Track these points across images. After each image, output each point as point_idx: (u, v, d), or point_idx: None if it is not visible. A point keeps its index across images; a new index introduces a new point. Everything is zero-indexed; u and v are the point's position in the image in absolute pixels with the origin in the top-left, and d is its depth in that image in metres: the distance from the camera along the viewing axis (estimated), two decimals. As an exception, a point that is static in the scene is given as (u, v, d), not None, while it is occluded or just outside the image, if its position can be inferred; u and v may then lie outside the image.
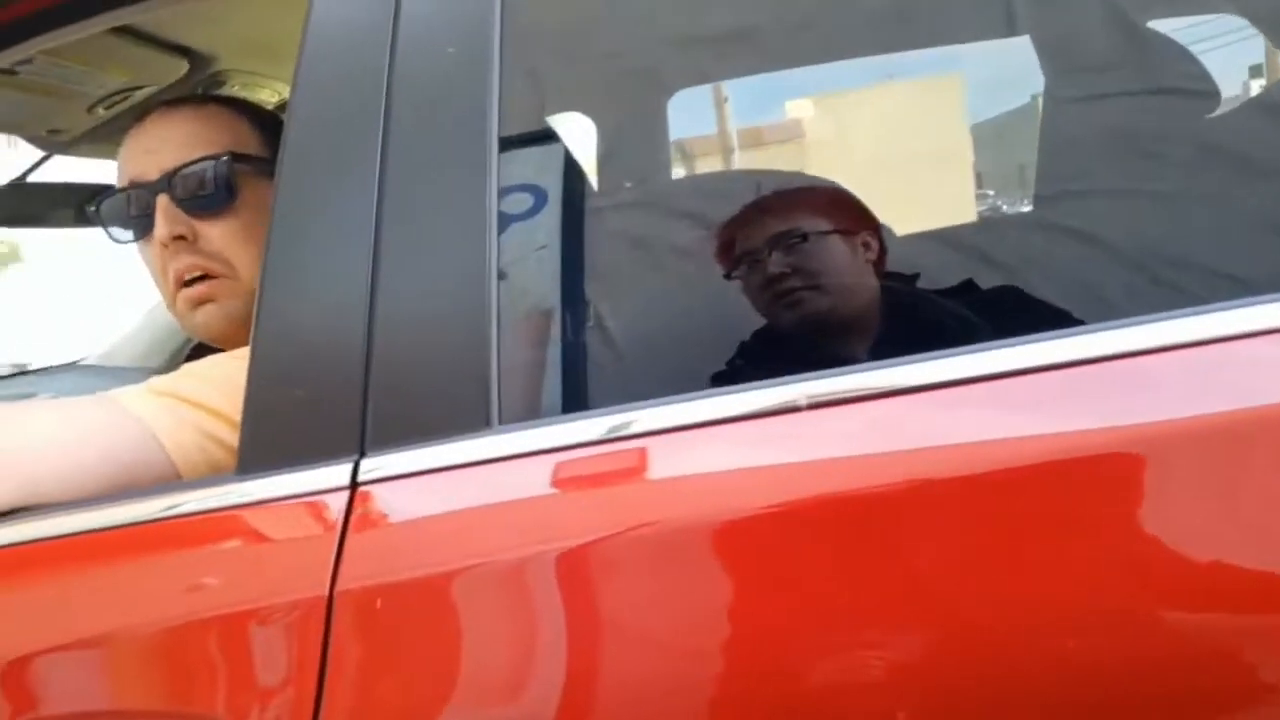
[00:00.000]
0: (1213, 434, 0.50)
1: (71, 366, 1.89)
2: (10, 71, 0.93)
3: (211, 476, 0.65)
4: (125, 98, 1.13)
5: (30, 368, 1.97)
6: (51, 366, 1.92)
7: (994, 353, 0.53)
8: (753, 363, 0.72)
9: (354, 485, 0.58)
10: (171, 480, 0.66)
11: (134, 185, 0.84)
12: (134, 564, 0.60)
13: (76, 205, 1.29)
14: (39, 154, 1.27)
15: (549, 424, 0.59)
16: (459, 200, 0.62)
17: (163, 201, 0.82)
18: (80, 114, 1.13)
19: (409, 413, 0.60)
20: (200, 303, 0.83)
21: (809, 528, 0.53)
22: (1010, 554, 0.50)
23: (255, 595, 0.57)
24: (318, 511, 0.58)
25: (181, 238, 0.82)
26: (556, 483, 0.58)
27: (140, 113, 0.88)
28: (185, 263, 0.83)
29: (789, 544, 0.53)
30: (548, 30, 0.72)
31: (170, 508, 0.60)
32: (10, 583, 0.62)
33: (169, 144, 0.84)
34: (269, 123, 0.92)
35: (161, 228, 0.82)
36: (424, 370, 0.60)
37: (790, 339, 0.77)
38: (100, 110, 1.13)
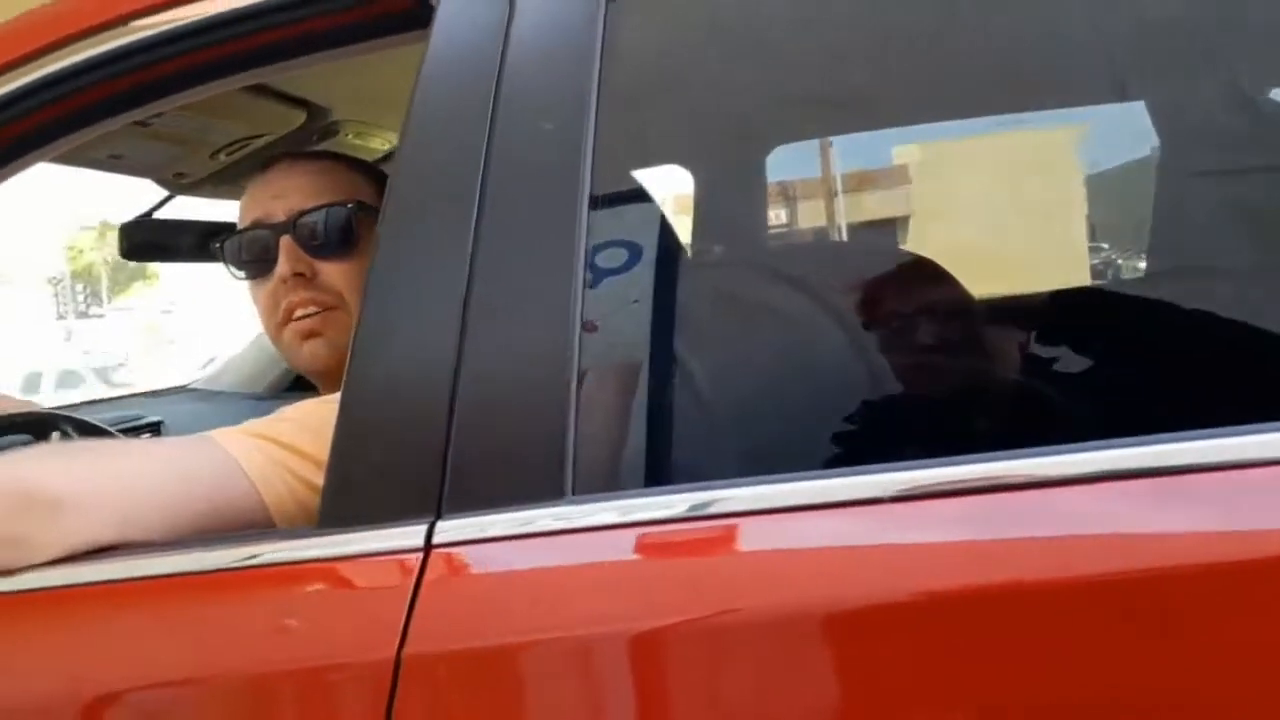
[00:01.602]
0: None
1: (180, 390, 1.98)
2: (144, 123, 1.00)
3: (291, 529, 0.67)
4: (244, 145, 1.20)
5: (138, 390, 2.07)
6: (160, 390, 2.02)
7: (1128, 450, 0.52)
8: (852, 440, 0.69)
9: (428, 547, 0.58)
10: (263, 522, 0.68)
11: (258, 226, 0.89)
12: (209, 611, 0.62)
13: (195, 241, 1.37)
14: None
15: (625, 497, 0.59)
16: (546, 269, 0.63)
17: (286, 241, 0.88)
18: (204, 160, 1.21)
19: (486, 476, 0.60)
20: (309, 336, 0.88)
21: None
22: (1123, 660, 0.49)
23: (325, 652, 0.58)
24: (391, 571, 0.59)
25: (300, 275, 0.87)
26: (629, 558, 0.58)
27: (264, 161, 0.93)
28: (301, 296, 0.88)
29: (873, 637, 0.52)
30: (643, 101, 0.72)
31: (249, 557, 0.61)
32: (87, 620, 0.64)
33: (296, 190, 0.90)
34: (381, 179, 0.96)
35: (284, 265, 0.87)
36: (503, 435, 0.61)
37: (917, 412, 0.74)
38: (222, 156, 1.21)
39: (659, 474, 0.66)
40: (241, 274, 0.92)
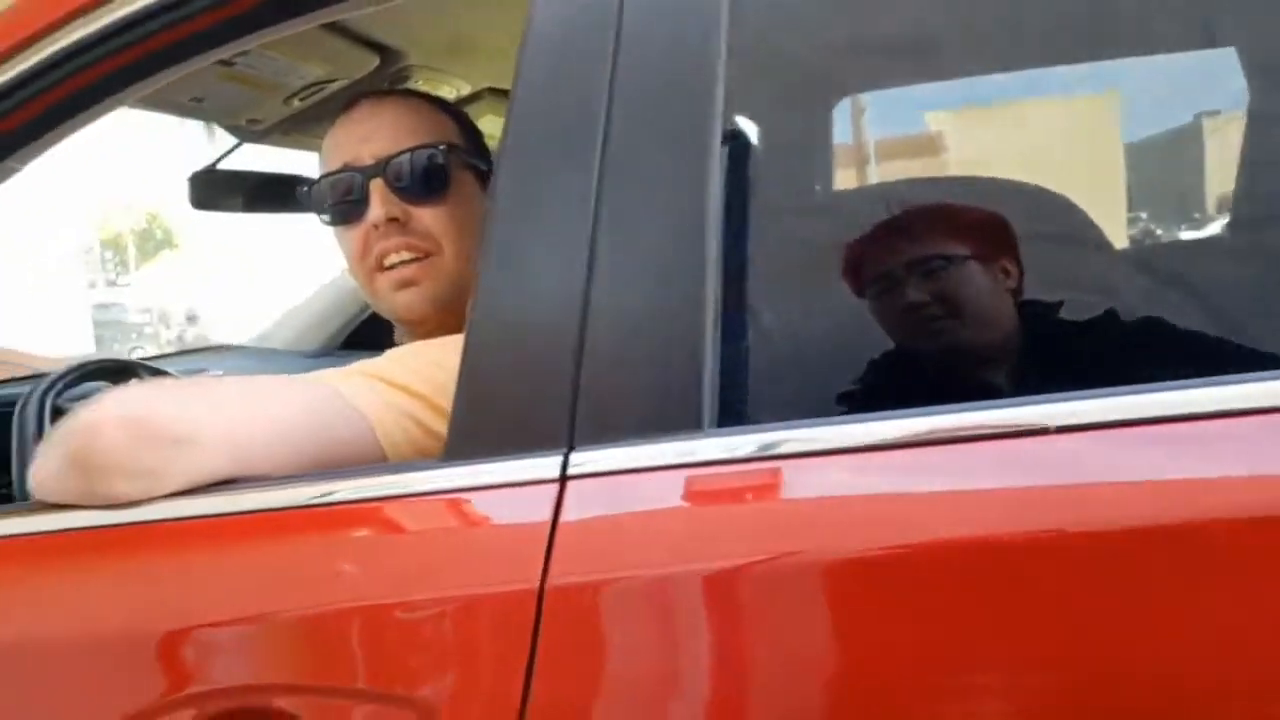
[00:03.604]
0: None
1: (231, 348, 1.98)
2: (229, 63, 0.98)
3: (421, 460, 0.66)
4: (318, 90, 1.18)
5: (190, 347, 2.07)
6: (213, 346, 2.03)
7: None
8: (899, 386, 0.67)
9: (563, 479, 0.57)
10: (376, 461, 0.67)
11: (347, 169, 0.86)
12: (341, 544, 0.61)
13: (263, 191, 1.35)
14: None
15: (766, 430, 0.57)
16: (679, 197, 0.61)
17: (378, 185, 0.85)
18: (278, 105, 1.19)
19: (619, 408, 0.59)
20: (404, 285, 0.86)
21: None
22: (1182, 612, 0.49)
23: (463, 582, 0.57)
24: (526, 502, 0.58)
25: (395, 220, 0.85)
26: (769, 491, 0.56)
27: (346, 102, 0.91)
28: (395, 243, 0.85)
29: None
30: (773, 28, 0.70)
31: (379, 489, 0.60)
32: (205, 553, 0.63)
33: (384, 131, 0.86)
34: (464, 119, 0.94)
35: (376, 209, 0.84)
36: (635, 366, 0.59)
37: (928, 366, 0.73)
38: (296, 102, 1.19)
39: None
40: (329, 219, 0.90)
